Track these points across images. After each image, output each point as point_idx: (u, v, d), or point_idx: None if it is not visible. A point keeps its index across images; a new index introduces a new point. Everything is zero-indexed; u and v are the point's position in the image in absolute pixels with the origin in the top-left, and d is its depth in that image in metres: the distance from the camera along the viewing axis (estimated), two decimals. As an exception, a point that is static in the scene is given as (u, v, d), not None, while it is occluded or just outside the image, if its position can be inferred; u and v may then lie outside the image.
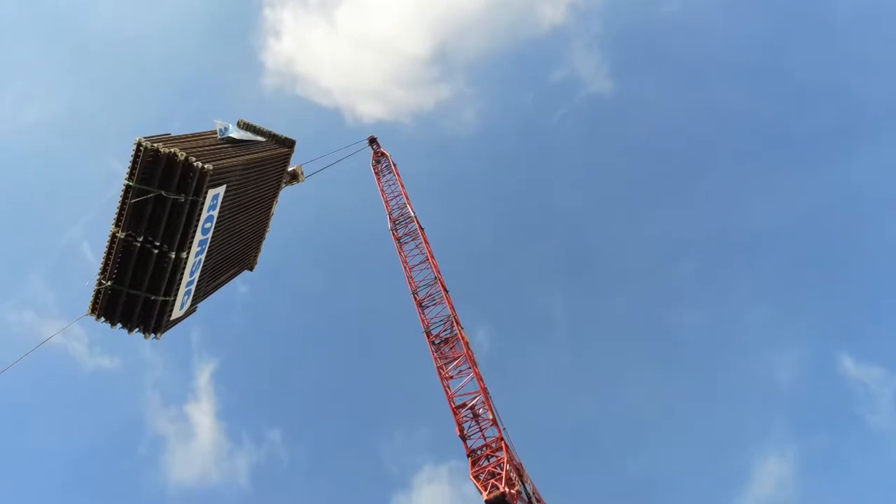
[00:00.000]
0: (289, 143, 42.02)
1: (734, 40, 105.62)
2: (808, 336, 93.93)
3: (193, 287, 33.09)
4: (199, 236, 30.79)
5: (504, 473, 40.60)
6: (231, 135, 36.36)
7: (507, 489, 39.24)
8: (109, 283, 29.71)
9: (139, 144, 28.45)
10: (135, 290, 30.18)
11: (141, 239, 29.36)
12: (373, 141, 64.35)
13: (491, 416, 43.11)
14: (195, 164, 28.62)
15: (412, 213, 56.57)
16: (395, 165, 62.34)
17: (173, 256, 29.86)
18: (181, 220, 29.47)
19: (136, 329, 31.08)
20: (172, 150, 28.59)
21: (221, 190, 31.52)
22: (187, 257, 30.44)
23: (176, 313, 32.18)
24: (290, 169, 44.13)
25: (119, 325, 30.82)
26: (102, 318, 30.49)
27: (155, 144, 28.54)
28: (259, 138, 39.62)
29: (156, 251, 29.65)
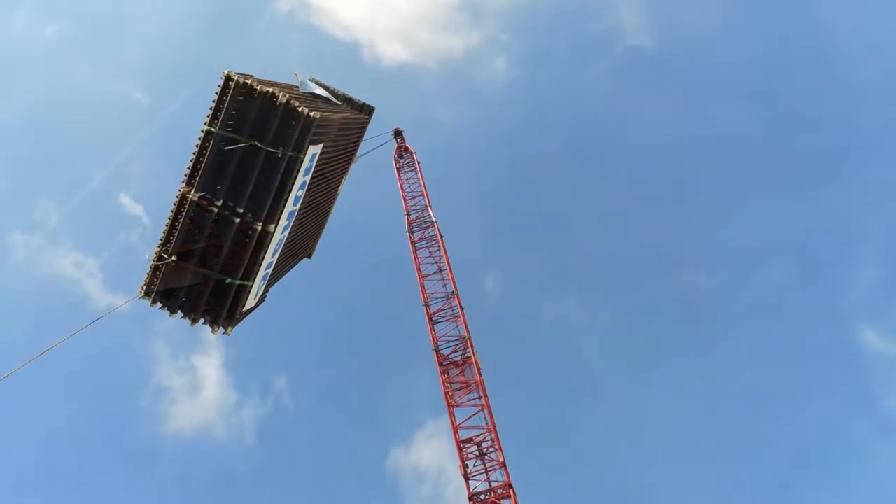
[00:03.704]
0: (367, 110, 35.31)
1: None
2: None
3: (270, 271, 26.32)
4: (289, 206, 24.06)
5: None
6: (315, 90, 29.81)
7: None
8: (173, 258, 22.89)
9: (228, 78, 21.78)
10: (205, 269, 23.41)
11: (220, 203, 22.63)
12: (398, 134, 60.42)
13: (501, 459, 37.70)
14: (299, 108, 21.95)
15: (432, 218, 51.89)
16: (419, 164, 58.05)
17: (259, 228, 23.09)
18: (273, 183, 22.73)
19: (202, 320, 24.26)
20: (271, 89, 21.92)
21: (319, 149, 24.83)
22: (274, 231, 23.66)
23: (249, 302, 25.38)
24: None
25: (180, 313, 23.99)
26: (159, 305, 23.66)
27: (248, 80, 21.89)
28: (335, 100, 33.05)
29: (237, 220, 22.90)
